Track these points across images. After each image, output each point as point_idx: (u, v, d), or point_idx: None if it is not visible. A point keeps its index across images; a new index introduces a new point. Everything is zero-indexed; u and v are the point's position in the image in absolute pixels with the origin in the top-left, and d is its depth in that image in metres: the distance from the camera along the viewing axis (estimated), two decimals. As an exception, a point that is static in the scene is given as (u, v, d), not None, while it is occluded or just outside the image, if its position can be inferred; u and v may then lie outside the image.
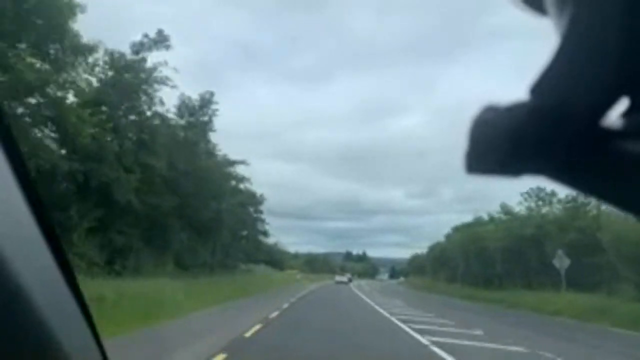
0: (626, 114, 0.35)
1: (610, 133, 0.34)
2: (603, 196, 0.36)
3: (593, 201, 25.04)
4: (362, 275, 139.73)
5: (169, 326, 11.36)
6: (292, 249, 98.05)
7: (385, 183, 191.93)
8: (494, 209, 43.29)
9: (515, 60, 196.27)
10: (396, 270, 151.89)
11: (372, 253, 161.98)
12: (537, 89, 0.36)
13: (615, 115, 0.34)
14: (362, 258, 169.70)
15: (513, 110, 0.36)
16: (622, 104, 0.34)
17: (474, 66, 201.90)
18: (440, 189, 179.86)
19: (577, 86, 0.34)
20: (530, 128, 0.35)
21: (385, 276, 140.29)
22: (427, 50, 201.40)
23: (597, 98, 0.33)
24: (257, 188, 40.74)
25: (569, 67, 0.35)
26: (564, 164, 0.35)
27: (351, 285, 61.18)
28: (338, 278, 68.08)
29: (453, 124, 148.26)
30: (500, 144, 0.36)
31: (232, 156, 32.65)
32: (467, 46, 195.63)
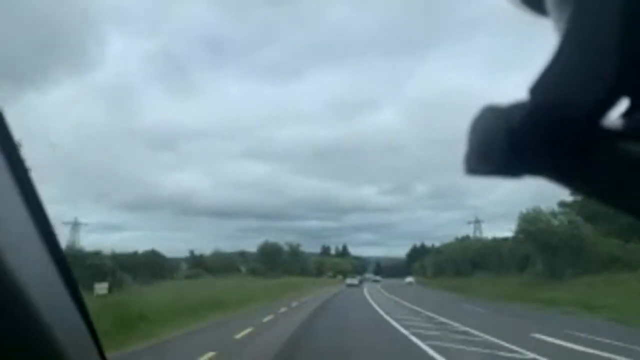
0: (626, 114, 0.34)
1: (610, 133, 0.34)
2: (603, 197, 0.36)
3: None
4: (348, 275, 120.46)
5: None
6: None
7: (358, 180, 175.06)
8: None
9: (490, 54, 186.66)
10: (381, 268, 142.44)
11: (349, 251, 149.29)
12: (537, 89, 0.36)
13: (615, 115, 0.34)
14: (343, 254, 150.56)
15: (512, 110, 0.36)
16: (622, 104, 0.34)
17: (448, 60, 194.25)
18: (414, 186, 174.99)
19: (577, 86, 0.34)
20: (529, 128, 0.35)
21: (370, 275, 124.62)
22: (401, 43, 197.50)
23: (597, 98, 0.33)
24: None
25: (568, 67, 0.34)
26: (563, 164, 0.35)
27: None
28: (349, 281, 66.35)
29: (426, 119, 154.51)
30: (500, 144, 0.36)
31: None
32: (441, 39, 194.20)
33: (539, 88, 0.36)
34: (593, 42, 0.33)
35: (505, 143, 0.35)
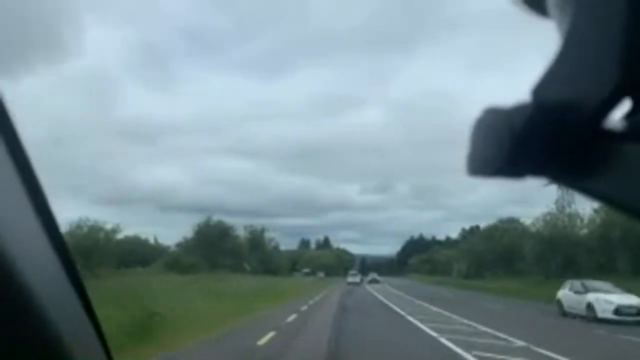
0: (628, 116, 0.34)
1: (612, 135, 0.34)
2: (605, 198, 0.35)
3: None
4: (331, 272, 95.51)
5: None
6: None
7: (341, 179, 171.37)
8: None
9: (475, 55, 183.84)
10: (366, 265, 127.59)
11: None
12: (539, 90, 0.36)
13: (617, 116, 0.34)
14: (325, 245, 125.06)
15: (514, 111, 0.36)
16: (625, 106, 0.34)
17: (433, 60, 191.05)
18: (396, 185, 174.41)
19: (579, 88, 0.34)
20: (532, 130, 0.35)
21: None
22: (387, 42, 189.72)
23: (599, 99, 0.33)
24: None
25: (570, 69, 0.35)
26: (566, 165, 0.35)
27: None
28: (351, 279, 60.83)
29: (410, 119, 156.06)
30: (502, 145, 0.35)
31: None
32: (428, 38, 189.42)
33: (541, 89, 0.36)
34: (595, 44, 0.33)
35: (507, 144, 0.35)
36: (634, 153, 0.33)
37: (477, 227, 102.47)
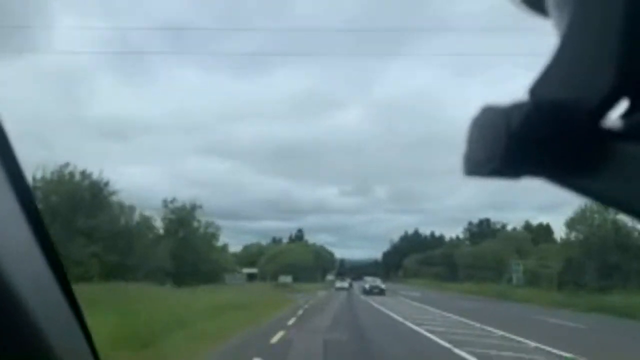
0: (626, 115, 0.34)
1: (610, 134, 0.34)
2: (603, 198, 0.35)
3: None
4: (305, 276, 67.98)
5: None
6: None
7: (319, 181, 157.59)
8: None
9: (457, 59, 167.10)
10: (345, 268, 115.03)
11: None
12: (537, 89, 0.36)
13: (615, 116, 0.34)
14: (298, 239, 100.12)
15: (512, 111, 0.35)
16: (622, 105, 0.34)
17: (415, 63, 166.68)
18: (374, 188, 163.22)
19: (577, 87, 0.34)
20: (529, 129, 0.35)
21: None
22: (370, 43, 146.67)
23: (597, 99, 0.33)
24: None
25: (568, 68, 0.35)
26: (563, 165, 0.35)
27: None
28: (339, 284, 54.46)
29: (391, 120, 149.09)
30: (499, 145, 0.35)
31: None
32: (411, 41, 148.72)
33: (539, 88, 0.36)
34: (593, 43, 0.33)
35: (505, 144, 0.35)
36: (631, 153, 0.32)
37: (487, 220, 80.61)
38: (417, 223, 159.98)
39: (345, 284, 53.83)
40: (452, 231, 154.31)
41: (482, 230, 78.51)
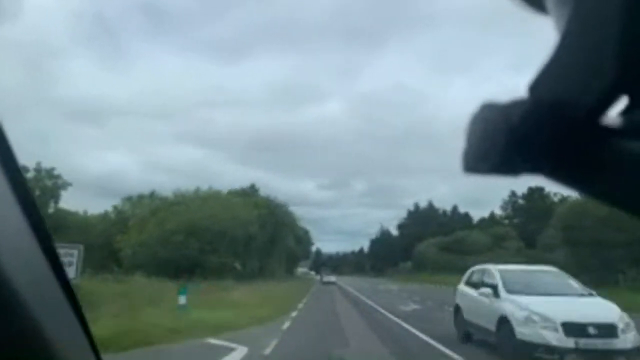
0: (625, 113, 0.34)
1: (609, 132, 0.34)
2: (602, 195, 0.35)
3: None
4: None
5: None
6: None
7: (297, 173, 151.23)
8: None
9: (446, 51, 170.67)
10: (321, 260, 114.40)
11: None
12: (536, 87, 0.36)
13: (614, 113, 0.34)
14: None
15: (511, 108, 0.35)
16: (621, 103, 0.34)
17: (399, 56, 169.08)
18: (351, 182, 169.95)
19: (577, 84, 0.34)
20: (529, 126, 0.34)
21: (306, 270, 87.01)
22: (354, 35, 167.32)
23: (596, 96, 0.33)
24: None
25: (568, 65, 0.34)
26: (562, 162, 0.35)
27: None
28: (326, 279, 55.01)
29: (372, 115, 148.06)
30: (498, 142, 0.35)
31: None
32: (395, 34, 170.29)
33: (539, 86, 0.35)
34: (592, 40, 0.33)
35: (504, 141, 0.35)
36: (631, 150, 0.32)
37: (541, 189, 57.41)
38: (394, 218, 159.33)
39: (333, 278, 53.55)
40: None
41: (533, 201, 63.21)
